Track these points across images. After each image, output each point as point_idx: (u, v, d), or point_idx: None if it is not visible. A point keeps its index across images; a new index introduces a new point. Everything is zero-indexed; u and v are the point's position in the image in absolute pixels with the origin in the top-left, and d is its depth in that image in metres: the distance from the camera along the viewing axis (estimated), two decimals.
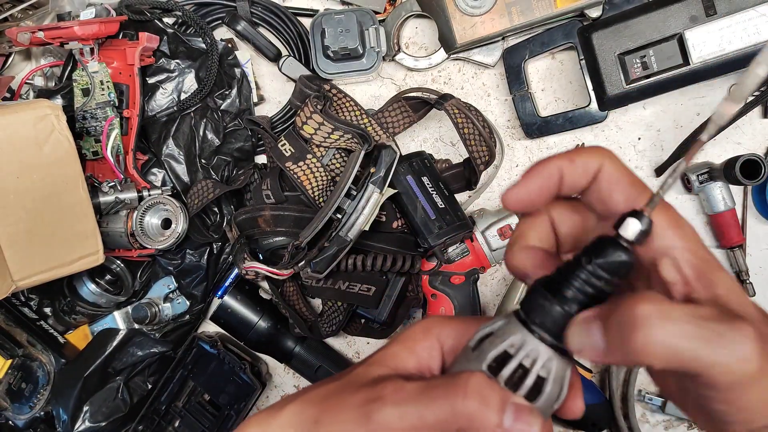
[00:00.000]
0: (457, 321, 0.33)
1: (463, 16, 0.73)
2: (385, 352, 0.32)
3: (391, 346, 0.33)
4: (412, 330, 0.33)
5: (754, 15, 0.67)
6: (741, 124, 0.76)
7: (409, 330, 0.33)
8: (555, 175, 0.31)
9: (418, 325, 0.33)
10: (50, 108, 0.65)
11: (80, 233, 0.67)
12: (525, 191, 0.32)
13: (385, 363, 0.32)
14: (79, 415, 0.72)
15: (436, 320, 0.33)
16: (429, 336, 0.32)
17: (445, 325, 0.33)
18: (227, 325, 0.77)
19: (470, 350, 0.30)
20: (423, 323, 0.33)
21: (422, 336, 0.32)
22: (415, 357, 0.32)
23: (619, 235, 0.28)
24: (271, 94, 0.83)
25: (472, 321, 0.33)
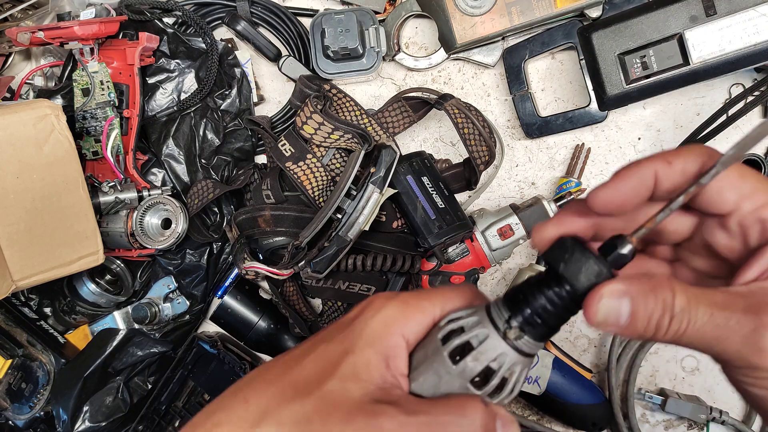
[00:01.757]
0: (416, 311, 0.32)
1: (463, 16, 0.73)
2: (356, 361, 0.30)
3: (361, 353, 0.30)
4: (373, 328, 0.31)
5: (754, 15, 0.67)
6: (741, 124, 0.76)
7: (371, 328, 0.31)
8: (649, 179, 0.30)
9: (378, 319, 0.31)
10: (50, 108, 0.65)
11: (80, 233, 0.67)
12: (615, 194, 0.30)
13: (363, 377, 0.30)
14: (79, 415, 0.72)
15: (395, 313, 0.32)
16: (394, 334, 0.31)
17: (407, 319, 0.32)
18: (227, 325, 0.77)
19: (440, 346, 0.31)
20: (382, 318, 0.31)
21: (388, 336, 0.31)
22: (387, 362, 0.30)
23: (605, 261, 0.29)
24: (271, 94, 0.83)
25: (429, 307, 0.32)
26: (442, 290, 0.33)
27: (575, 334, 0.80)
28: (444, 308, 0.32)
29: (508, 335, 0.30)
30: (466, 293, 0.33)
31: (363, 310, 0.32)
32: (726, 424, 0.75)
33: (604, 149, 0.79)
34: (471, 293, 0.33)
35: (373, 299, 0.33)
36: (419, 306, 0.32)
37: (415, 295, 0.33)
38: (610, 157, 0.79)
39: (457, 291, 0.33)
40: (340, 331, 0.32)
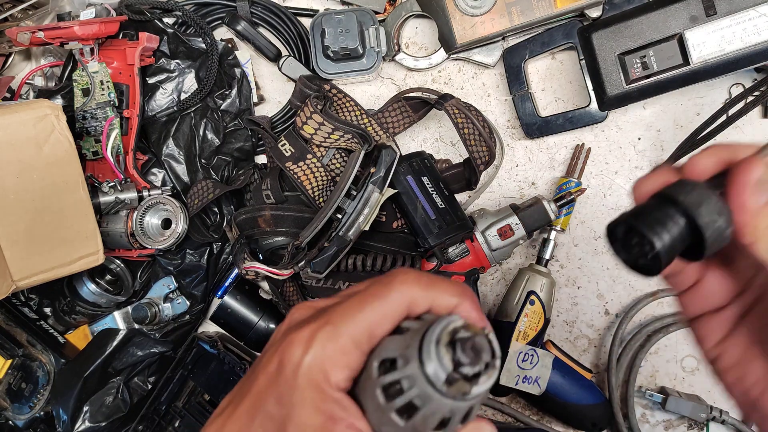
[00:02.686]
0: (347, 342, 0.29)
1: (463, 16, 0.73)
2: (334, 407, 0.29)
3: (302, 418, 0.29)
4: (308, 379, 0.29)
5: (754, 15, 0.67)
6: (741, 124, 0.76)
7: (305, 379, 0.29)
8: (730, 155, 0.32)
9: (309, 366, 0.29)
10: (50, 108, 0.65)
11: (80, 233, 0.67)
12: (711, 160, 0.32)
13: (345, 418, 0.29)
14: (79, 415, 0.72)
15: (325, 353, 0.29)
16: (330, 387, 0.29)
17: (341, 355, 0.29)
18: (227, 325, 0.77)
19: (383, 402, 0.29)
20: (314, 364, 0.29)
21: (324, 388, 0.29)
22: (331, 419, 0.29)
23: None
24: (271, 94, 0.83)
25: (360, 334, 0.29)
26: (371, 311, 0.29)
27: (575, 334, 0.80)
28: (374, 332, 0.30)
29: (452, 394, 0.27)
30: (393, 314, 0.30)
31: (291, 344, 0.29)
32: (726, 423, 0.75)
33: (604, 149, 0.79)
34: (398, 314, 0.30)
35: (295, 336, 0.29)
36: (349, 335, 0.29)
37: (341, 316, 0.29)
38: (610, 157, 0.79)
39: (385, 313, 0.30)
40: (273, 383, 0.30)
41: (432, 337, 0.28)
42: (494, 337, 0.29)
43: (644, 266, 0.32)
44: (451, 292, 0.31)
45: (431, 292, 0.31)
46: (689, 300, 0.39)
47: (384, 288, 0.30)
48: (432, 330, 0.28)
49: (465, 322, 0.29)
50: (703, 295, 0.38)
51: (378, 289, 0.30)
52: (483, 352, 0.28)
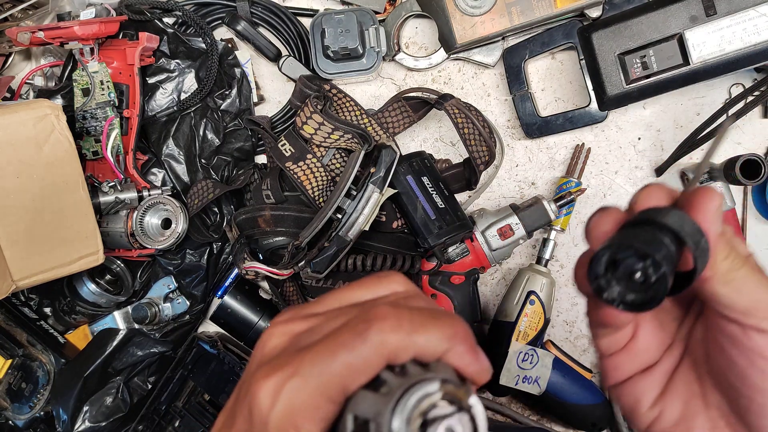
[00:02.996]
0: (320, 396, 0.26)
1: (463, 16, 0.73)
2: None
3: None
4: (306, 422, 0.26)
5: (754, 15, 0.67)
6: (741, 124, 0.76)
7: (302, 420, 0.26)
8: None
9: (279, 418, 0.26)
10: (50, 108, 0.65)
11: (80, 233, 0.67)
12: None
13: None
14: (79, 415, 0.72)
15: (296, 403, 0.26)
16: (323, 422, 0.27)
17: (314, 409, 0.27)
18: (227, 325, 0.77)
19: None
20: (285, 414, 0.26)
21: (320, 427, 0.27)
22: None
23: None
24: (271, 94, 0.83)
25: (335, 384, 0.26)
26: (342, 365, 0.26)
27: (575, 334, 0.80)
28: (347, 387, 0.27)
29: None
30: (368, 369, 0.27)
31: (257, 393, 0.27)
32: None
33: (604, 149, 0.79)
34: (374, 367, 0.27)
35: (262, 384, 0.27)
36: (319, 391, 0.26)
37: (311, 366, 0.26)
38: (610, 157, 0.79)
39: (359, 369, 0.26)
40: (249, 428, 0.28)
41: (403, 416, 0.24)
42: (480, 408, 0.25)
43: (640, 299, 0.29)
44: (439, 335, 0.27)
45: (415, 338, 0.26)
46: (622, 360, 0.36)
47: (358, 338, 0.26)
48: (402, 405, 0.24)
49: (443, 392, 0.25)
50: (637, 352, 0.36)
51: (351, 338, 0.26)
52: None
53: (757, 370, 0.31)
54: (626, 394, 0.36)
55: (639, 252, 0.28)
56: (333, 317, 0.29)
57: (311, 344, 0.27)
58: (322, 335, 0.28)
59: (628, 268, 0.28)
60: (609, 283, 0.29)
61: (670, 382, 0.36)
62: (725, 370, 0.33)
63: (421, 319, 0.27)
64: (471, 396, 0.25)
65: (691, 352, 0.36)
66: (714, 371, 0.34)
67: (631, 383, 0.36)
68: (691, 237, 0.28)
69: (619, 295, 0.29)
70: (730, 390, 0.33)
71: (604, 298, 0.29)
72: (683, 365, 0.36)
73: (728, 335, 0.32)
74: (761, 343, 0.31)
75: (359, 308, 0.28)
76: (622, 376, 0.36)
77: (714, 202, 0.30)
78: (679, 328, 0.37)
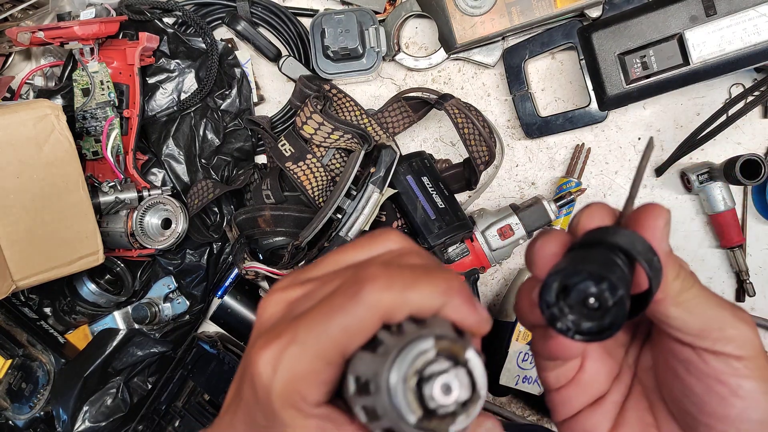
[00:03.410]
0: (319, 361, 0.26)
1: (463, 16, 0.73)
2: (317, 422, 0.27)
3: (319, 423, 0.27)
4: (283, 399, 0.27)
5: (754, 15, 0.67)
6: (741, 124, 0.76)
7: (279, 402, 0.27)
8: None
9: (282, 388, 0.26)
10: (50, 108, 0.65)
11: (80, 233, 0.67)
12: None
13: (333, 429, 0.27)
14: (79, 415, 0.72)
15: (297, 372, 0.26)
16: (310, 414, 0.27)
17: (314, 375, 0.27)
18: (227, 325, 0.77)
19: (353, 395, 0.26)
20: (288, 383, 0.26)
21: (304, 415, 0.27)
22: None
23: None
24: (271, 94, 0.83)
25: (332, 347, 0.26)
26: (338, 328, 0.26)
27: None
28: (345, 349, 0.26)
29: (428, 430, 0.24)
30: (364, 330, 0.26)
31: (258, 363, 0.27)
32: None
33: (604, 149, 0.79)
34: (370, 328, 0.26)
35: (261, 354, 0.27)
36: (318, 355, 0.26)
37: (307, 332, 0.26)
38: (610, 157, 0.79)
39: (355, 331, 0.26)
40: (255, 399, 0.28)
41: (399, 375, 0.24)
42: (477, 361, 0.25)
43: (597, 326, 0.27)
44: (432, 291, 0.26)
45: (408, 296, 0.26)
46: (570, 394, 0.34)
47: (351, 300, 0.26)
48: (398, 364, 0.24)
49: (438, 348, 0.24)
50: (586, 383, 0.34)
51: (345, 301, 0.26)
52: (459, 389, 0.24)
53: (714, 396, 0.29)
54: (577, 430, 0.34)
55: (593, 275, 0.26)
56: (327, 281, 0.28)
57: (306, 310, 0.27)
58: (317, 300, 0.27)
59: (581, 294, 0.26)
60: (562, 312, 0.27)
61: (621, 414, 0.34)
62: (680, 397, 0.31)
63: (414, 276, 0.26)
64: (468, 350, 0.25)
65: (640, 380, 0.35)
66: (669, 399, 0.33)
67: (582, 418, 0.34)
68: (643, 256, 0.27)
69: (573, 324, 0.27)
70: (687, 418, 0.31)
71: (558, 329, 0.27)
72: (633, 395, 0.34)
73: (682, 360, 0.30)
74: (718, 366, 0.29)
75: (353, 269, 0.28)
76: (572, 411, 0.34)
77: (662, 218, 0.28)
78: (626, 355, 0.35)
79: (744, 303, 0.77)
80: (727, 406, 0.29)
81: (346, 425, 0.27)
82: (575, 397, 0.34)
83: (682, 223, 0.78)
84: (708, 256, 0.78)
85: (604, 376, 0.34)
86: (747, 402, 0.29)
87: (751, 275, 0.76)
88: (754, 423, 0.29)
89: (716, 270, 0.78)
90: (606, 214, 0.30)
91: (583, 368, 0.34)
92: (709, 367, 0.29)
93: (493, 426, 0.28)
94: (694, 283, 0.30)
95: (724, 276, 0.78)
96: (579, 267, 0.26)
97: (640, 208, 0.29)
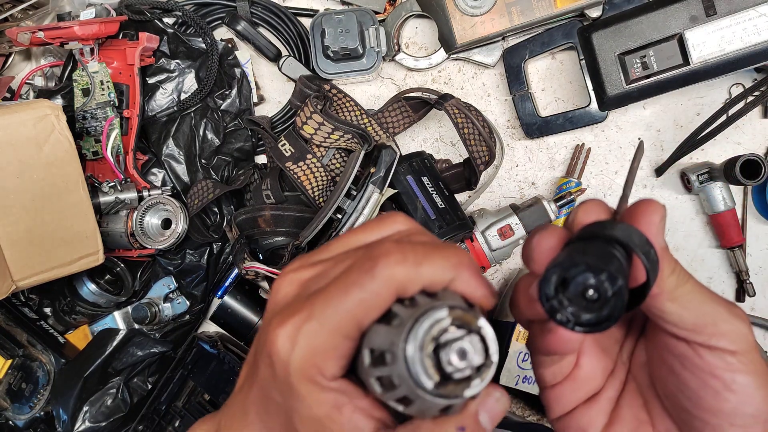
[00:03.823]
0: (343, 341, 0.27)
1: (463, 16, 0.73)
2: (334, 395, 0.28)
3: (303, 414, 0.28)
4: (301, 372, 0.27)
5: (754, 15, 0.67)
6: (741, 124, 0.76)
7: (297, 375, 0.27)
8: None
9: (300, 362, 0.27)
10: (50, 108, 0.65)
11: (80, 233, 0.67)
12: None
13: (349, 402, 0.28)
14: (79, 415, 0.72)
15: (313, 348, 0.27)
16: (328, 387, 0.28)
17: (332, 349, 0.28)
18: (227, 325, 0.77)
19: (368, 367, 0.27)
20: (306, 358, 0.27)
21: (322, 389, 0.28)
22: (338, 408, 0.28)
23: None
24: (271, 94, 0.83)
25: (346, 323, 0.27)
26: (354, 302, 0.27)
27: None
28: (361, 322, 0.27)
29: (444, 395, 0.26)
30: (379, 304, 0.27)
31: (275, 340, 0.28)
32: None
33: (604, 149, 0.79)
34: (385, 301, 0.27)
35: (279, 331, 0.27)
36: (335, 329, 0.27)
37: (324, 308, 0.27)
38: (610, 157, 0.78)
39: (370, 305, 0.27)
40: (271, 376, 0.28)
41: (416, 343, 0.25)
42: (489, 329, 0.26)
43: (596, 317, 0.27)
44: (443, 265, 0.28)
45: (421, 270, 0.27)
46: (565, 390, 0.34)
47: (366, 275, 0.27)
48: (414, 333, 0.26)
49: (452, 317, 0.26)
50: (581, 380, 0.34)
51: (360, 276, 0.27)
52: (473, 354, 0.26)
53: (709, 390, 0.30)
54: (572, 427, 0.34)
55: (591, 267, 0.26)
56: (340, 261, 0.29)
57: (322, 287, 0.28)
58: (331, 279, 0.29)
59: (580, 286, 0.26)
60: (561, 304, 0.27)
61: (615, 411, 0.34)
62: (676, 392, 0.31)
63: (425, 251, 0.28)
64: (480, 319, 0.26)
65: (635, 376, 0.35)
66: (663, 394, 0.33)
67: (577, 414, 0.34)
68: (640, 248, 0.27)
69: (573, 315, 0.27)
70: (682, 413, 0.32)
71: (558, 320, 0.27)
72: (628, 391, 0.35)
73: (678, 355, 0.31)
74: (712, 361, 0.29)
75: (365, 249, 0.29)
76: (567, 408, 0.34)
77: (658, 213, 0.29)
78: (620, 351, 0.35)
79: (744, 303, 0.77)
80: (721, 401, 0.30)
81: (361, 398, 0.28)
82: (570, 394, 0.34)
83: (682, 223, 0.78)
84: (708, 256, 0.78)
85: (599, 373, 0.34)
86: (740, 396, 0.29)
87: (751, 275, 0.76)
88: (747, 417, 0.30)
89: (716, 270, 0.78)
90: (602, 209, 0.30)
91: (578, 365, 0.34)
92: (704, 361, 0.30)
93: (502, 395, 0.29)
94: (689, 279, 0.30)
95: (724, 276, 0.78)
96: (577, 259, 0.26)
97: (636, 204, 0.30)
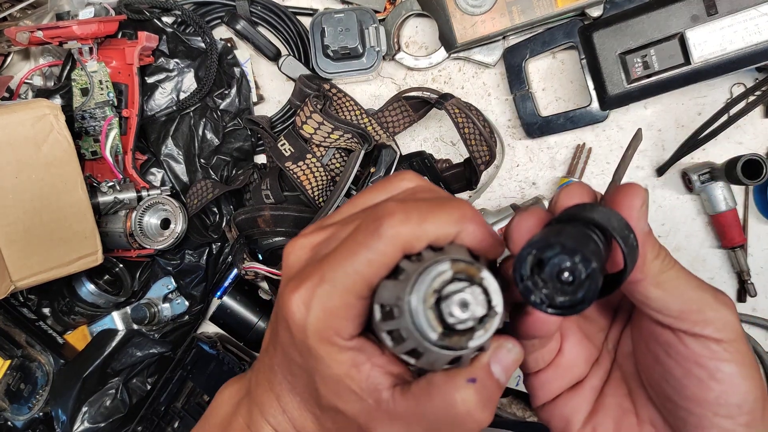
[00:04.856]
0: (356, 301, 0.28)
1: (464, 15, 0.73)
2: (352, 354, 0.29)
3: (323, 374, 0.29)
4: (319, 335, 0.28)
5: (755, 14, 0.67)
6: (742, 123, 0.76)
7: (314, 339, 0.28)
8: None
9: (315, 327, 0.28)
10: (49, 108, 0.64)
11: (79, 233, 0.67)
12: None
13: (366, 360, 0.29)
14: (78, 415, 0.72)
15: (327, 312, 0.28)
16: (343, 347, 0.29)
17: (344, 310, 0.29)
18: (227, 325, 0.77)
19: (379, 322, 0.28)
20: (320, 323, 0.28)
21: (338, 351, 0.29)
22: (355, 367, 0.29)
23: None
24: (270, 93, 0.82)
25: (356, 284, 0.28)
26: (362, 263, 0.28)
27: None
28: (371, 281, 0.28)
29: (449, 346, 0.27)
30: (387, 261, 0.28)
31: (290, 305, 0.29)
32: None
33: (605, 149, 0.78)
34: (392, 259, 0.28)
35: (293, 296, 0.29)
36: (347, 290, 0.28)
37: (334, 270, 0.28)
38: (611, 156, 0.78)
39: (378, 264, 0.28)
40: (291, 339, 0.30)
41: (419, 296, 0.26)
42: (492, 280, 0.27)
43: (570, 300, 0.26)
44: (447, 219, 0.28)
45: (425, 226, 0.28)
46: (549, 377, 0.34)
47: (372, 235, 0.28)
48: (417, 287, 0.26)
49: (455, 270, 0.26)
50: (565, 367, 0.34)
51: (366, 237, 0.28)
52: (475, 305, 0.26)
53: (693, 379, 0.29)
54: (556, 415, 0.34)
55: (566, 248, 0.26)
56: (348, 222, 0.30)
57: (331, 251, 0.29)
58: (340, 241, 0.29)
59: (555, 268, 0.26)
60: (536, 285, 0.27)
61: (600, 399, 0.34)
62: (660, 381, 0.31)
63: (429, 208, 0.28)
64: (483, 271, 0.27)
65: (620, 365, 0.34)
66: (648, 383, 0.33)
67: (560, 402, 0.34)
68: (618, 232, 0.27)
69: (547, 297, 0.27)
70: (666, 402, 0.31)
71: (532, 302, 0.27)
72: (612, 380, 0.34)
73: (662, 343, 0.30)
74: (697, 349, 0.29)
75: (371, 209, 0.30)
76: (550, 395, 0.34)
77: (639, 198, 0.28)
78: (606, 339, 0.35)
79: (745, 303, 0.77)
80: (706, 390, 0.29)
81: (377, 355, 0.29)
82: (554, 381, 0.34)
83: (683, 224, 0.78)
84: (709, 257, 0.78)
85: (582, 360, 0.34)
86: (725, 386, 0.29)
87: (753, 275, 0.75)
88: (732, 407, 0.29)
89: (717, 270, 0.78)
90: (585, 193, 0.30)
91: (561, 351, 0.34)
92: (689, 350, 0.29)
93: (514, 345, 0.29)
94: (674, 265, 0.29)
95: (726, 276, 0.78)
96: (552, 240, 0.26)
97: (618, 188, 0.29)
